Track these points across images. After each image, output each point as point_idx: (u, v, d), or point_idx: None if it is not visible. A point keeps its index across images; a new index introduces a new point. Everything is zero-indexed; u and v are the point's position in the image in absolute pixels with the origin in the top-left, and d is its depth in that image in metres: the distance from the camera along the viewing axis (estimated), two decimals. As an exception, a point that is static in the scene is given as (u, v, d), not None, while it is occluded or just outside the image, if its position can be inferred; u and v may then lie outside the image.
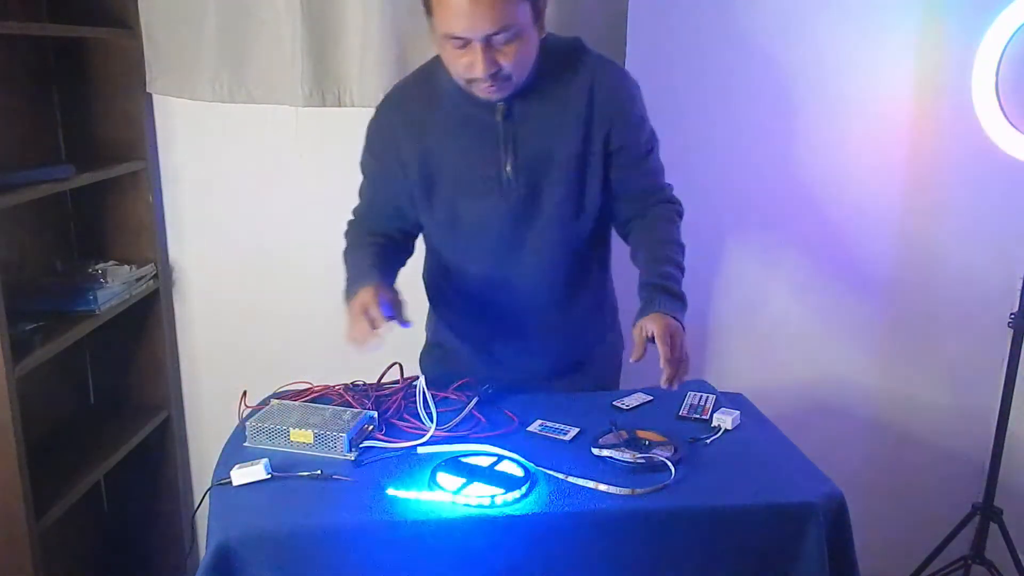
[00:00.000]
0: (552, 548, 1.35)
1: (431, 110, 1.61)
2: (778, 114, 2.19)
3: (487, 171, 1.61)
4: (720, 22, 2.14)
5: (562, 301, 1.74)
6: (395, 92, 1.68)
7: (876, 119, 2.21)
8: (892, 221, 2.29)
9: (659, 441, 1.53)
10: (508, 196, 1.62)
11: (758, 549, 1.38)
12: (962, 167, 2.23)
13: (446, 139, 1.61)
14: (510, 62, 1.47)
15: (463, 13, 1.41)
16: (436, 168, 1.62)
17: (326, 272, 2.26)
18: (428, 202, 1.65)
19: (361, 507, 1.35)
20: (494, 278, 1.71)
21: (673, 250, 1.63)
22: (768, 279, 2.34)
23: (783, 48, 2.16)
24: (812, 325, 2.37)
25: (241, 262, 2.26)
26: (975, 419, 2.39)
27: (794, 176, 2.24)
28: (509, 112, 1.58)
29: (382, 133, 1.65)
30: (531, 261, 1.68)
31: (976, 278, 2.32)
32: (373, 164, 1.69)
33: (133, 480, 2.32)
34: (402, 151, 1.62)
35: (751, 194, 2.25)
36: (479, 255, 1.70)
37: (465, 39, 1.44)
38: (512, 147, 1.59)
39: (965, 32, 2.06)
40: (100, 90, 2.10)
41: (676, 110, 1.99)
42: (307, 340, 2.30)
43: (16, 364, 1.71)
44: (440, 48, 1.51)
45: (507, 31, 1.43)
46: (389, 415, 1.63)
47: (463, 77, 1.50)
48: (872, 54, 2.16)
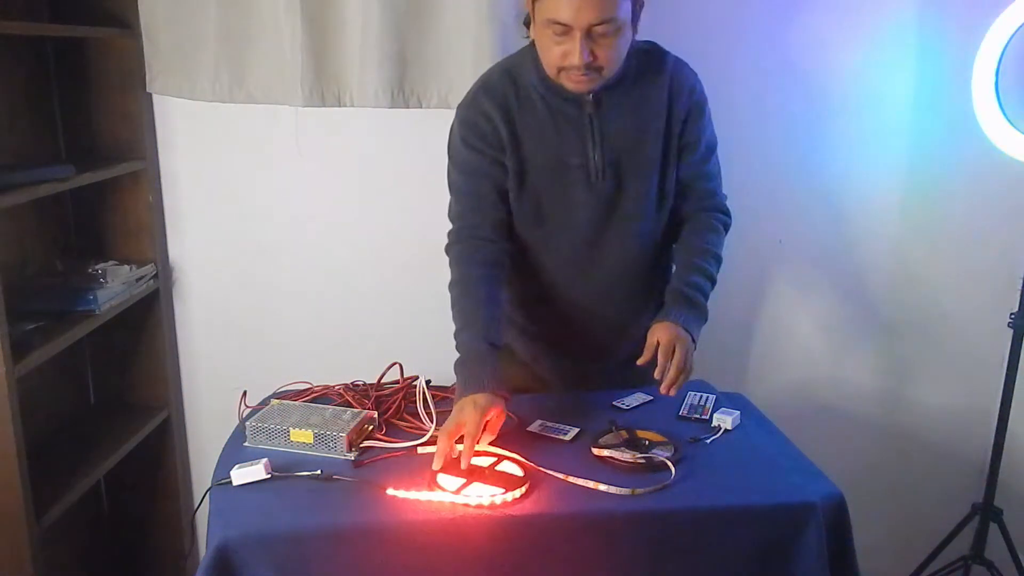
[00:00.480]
0: (552, 548, 1.35)
1: (519, 102, 1.63)
2: (778, 114, 2.19)
3: (575, 163, 1.64)
4: (719, 23, 2.13)
5: (638, 293, 1.77)
6: (481, 85, 1.66)
7: (876, 119, 2.21)
8: (892, 221, 2.29)
9: (659, 441, 1.53)
10: (595, 188, 1.65)
11: (758, 549, 1.38)
12: (962, 167, 2.22)
13: (534, 131, 1.63)
14: (606, 54, 1.50)
15: (572, 1, 1.44)
16: (524, 159, 1.64)
17: (326, 272, 2.27)
18: (517, 192, 1.66)
19: (361, 507, 1.35)
20: (574, 271, 1.73)
21: (708, 261, 1.68)
22: (768, 279, 2.34)
23: (783, 49, 2.15)
24: (812, 325, 2.37)
25: (241, 262, 2.26)
26: (975, 419, 2.39)
27: (794, 176, 2.24)
28: (597, 106, 1.61)
29: (477, 122, 1.63)
30: (613, 253, 1.71)
31: (976, 278, 2.32)
32: (470, 156, 1.65)
33: (133, 480, 2.32)
34: (500, 133, 1.62)
35: (751, 194, 2.25)
36: (562, 247, 1.71)
37: (568, 26, 1.47)
38: (599, 140, 1.62)
39: (965, 32, 2.06)
40: (100, 90, 2.10)
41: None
42: (307, 340, 2.30)
43: (16, 364, 1.70)
44: (539, 34, 1.53)
45: (609, 24, 1.47)
46: (389, 415, 1.63)
47: (557, 65, 1.53)
48: (872, 54, 2.16)
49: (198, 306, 2.30)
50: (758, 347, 2.37)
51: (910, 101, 2.20)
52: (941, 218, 2.29)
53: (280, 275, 2.27)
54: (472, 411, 1.45)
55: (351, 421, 1.53)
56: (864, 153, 2.23)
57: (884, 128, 2.21)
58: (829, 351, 2.38)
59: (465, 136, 1.65)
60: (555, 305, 1.76)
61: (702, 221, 1.73)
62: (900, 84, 2.18)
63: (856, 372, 2.40)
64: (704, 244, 1.70)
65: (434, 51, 2.02)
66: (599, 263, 1.71)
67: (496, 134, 1.62)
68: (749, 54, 2.15)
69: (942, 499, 2.42)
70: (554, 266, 1.73)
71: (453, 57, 2.02)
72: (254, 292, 2.28)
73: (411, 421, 1.61)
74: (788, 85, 2.18)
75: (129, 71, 2.07)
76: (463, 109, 1.66)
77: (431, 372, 1.69)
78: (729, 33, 2.14)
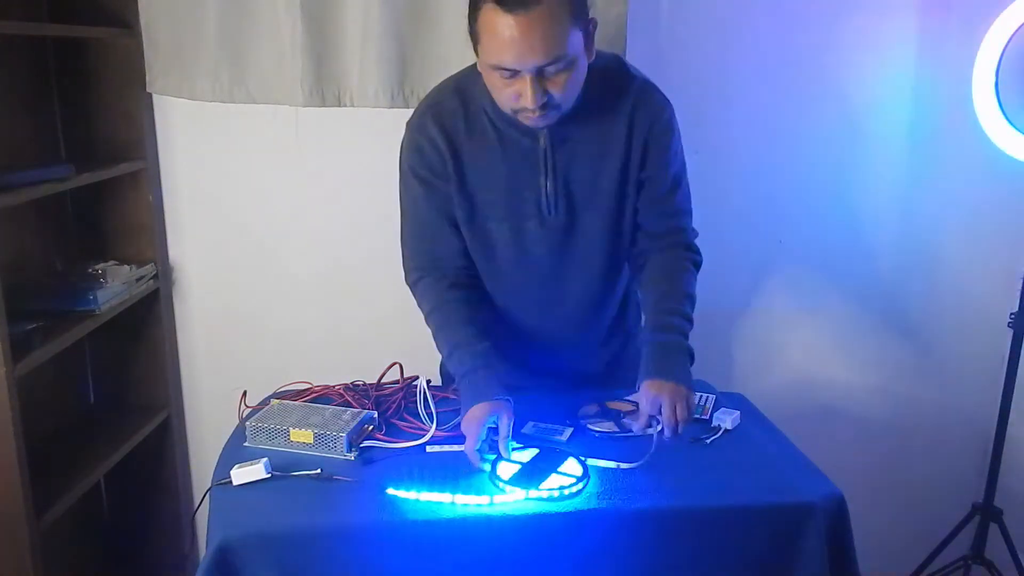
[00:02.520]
0: (551, 548, 1.35)
1: (468, 130, 1.53)
2: (778, 114, 2.19)
3: (526, 197, 1.55)
4: (719, 22, 2.13)
5: (597, 317, 1.72)
6: (429, 105, 1.57)
7: (876, 119, 2.21)
8: (892, 221, 2.29)
9: (631, 410, 1.57)
10: (547, 222, 1.57)
11: (758, 549, 1.38)
12: (962, 167, 2.22)
13: (483, 162, 1.54)
14: (560, 91, 1.40)
15: (513, 45, 1.34)
16: (471, 192, 1.56)
17: (326, 272, 2.27)
18: (466, 225, 1.58)
19: (361, 507, 1.35)
20: (532, 306, 1.68)
21: (682, 302, 1.57)
22: (768, 279, 2.34)
23: (783, 49, 2.15)
24: (812, 325, 2.37)
25: (241, 262, 2.26)
26: (975, 419, 2.39)
27: (794, 176, 2.24)
28: (552, 138, 1.52)
29: (423, 148, 1.55)
30: (572, 288, 1.65)
31: (976, 278, 2.32)
32: (418, 185, 1.57)
33: (133, 480, 2.32)
34: (446, 163, 1.54)
35: (750, 194, 2.25)
36: (516, 281, 1.65)
37: (514, 70, 1.38)
38: (553, 173, 1.54)
39: (965, 32, 2.06)
40: (100, 90, 2.10)
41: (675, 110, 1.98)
42: (307, 340, 2.30)
43: (16, 364, 1.70)
44: (486, 77, 1.44)
45: (558, 62, 1.37)
46: (389, 415, 1.63)
47: (510, 107, 1.43)
48: (872, 54, 2.16)
49: (198, 306, 2.30)
50: (758, 347, 2.37)
51: (910, 101, 2.20)
52: (941, 218, 2.29)
53: (280, 275, 2.27)
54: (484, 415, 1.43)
55: (351, 421, 1.53)
56: (864, 153, 2.23)
57: (884, 128, 2.21)
58: (829, 351, 2.38)
59: (412, 164, 1.57)
60: (518, 329, 1.71)
61: (670, 263, 1.61)
62: (900, 84, 2.18)
63: (856, 372, 2.40)
64: (677, 286, 1.58)
65: (434, 51, 2.02)
66: (558, 298, 1.66)
67: (442, 163, 1.54)
68: (749, 54, 2.15)
69: (942, 499, 2.42)
70: (510, 299, 1.67)
71: (453, 57, 2.01)
72: (254, 292, 2.28)
73: (411, 421, 1.60)
74: (788, 85, 2.18)
75: (129, 71, 2.07)
76: (411, 130, 1.57)
77: (431, 372, 1.69)
78: (729, 33, 2.14)
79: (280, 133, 2.15)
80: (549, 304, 1.68)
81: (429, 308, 1.60)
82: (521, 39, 1.34)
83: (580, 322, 1.71)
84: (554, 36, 1.35)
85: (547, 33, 1.34)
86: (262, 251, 2.25)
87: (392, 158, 2.18)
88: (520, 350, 1.71)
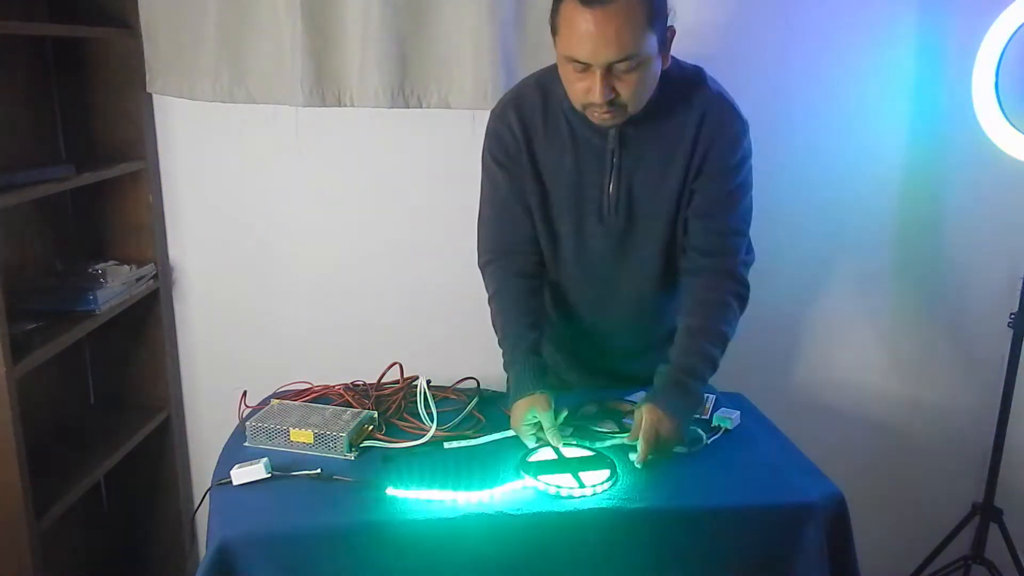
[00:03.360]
0: (551, 547, 1.35)
1: (544, 123, 1.58)
2: (778, 114, 2.19)
3: (589, 195, 1.60)
4: (718, 21, 2.13)
5: (649, 323, 1.76)
6: (513, 97, 1.62)
7: (876, 119, 2.20)
8: (892, 221, 2.29)
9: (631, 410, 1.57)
10: (606, 222, 1.61)
11: (758, 549, 1.39)
12: (962, 167, 2.22)
13: (554, 155, 1.59)
14: (629, 91, 1.43)
15: (588, 38, 1.38)
16: (542, 183, 1.61)
17: (326, 272, 2.27)
18: (537, 213, 1.64)
19: (361, 507, 1.35)
20: (588, 300, 1.73)
21: (714, 343, 1.56)
22: (767, 279, 2.33)
23: (783, 49, 2.15)
24: (812, 325, 2.36)
25: (241, 262, 2.26)
26: (975, 419, 2.39)
27: (794, 176, 2.24)
28: (621, 140, 1.55)
29: (503, 135, 1.61)
30: (626, 289, 1.69)
31: (976, 278, 2.32)
32: (498, 169, 1.62)
33: (133, 480, 2.32)
34: (521, 153, 1.60)
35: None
36: (576, 275, 1.70)
37: (587, 64, 1.41)
38: (617, 176, 1.57)
39: (965, 32, 2.06)
40: (100, 90, 2.09)
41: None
42: (307, 340, 2.30)
43: (16, 364, 1.70)
44: (561, 68, 1.47)
45: (630, 60, 1.40)
46: (389, 415, 1.63)
47: (580, 101, 1.47)
48: (872, 54, 2.16)
49: (198, 306, 2.30)
50: (758, 347, 2.37)
51: (910, 101, 2.20)
52: (941, 218, 2.29)
53: (280, 275, 2.27)
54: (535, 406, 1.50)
55: (351, 421, 1.53)
56: (864, 153, 2.23)
57: (884, 128, 2.21)
58: (829, 351, 2.38)
59: (492, 148, 1.63)
60: (575, 323, 1.77)
61: (712, 295, 1.59)
62: (900, 84, 2.18)
63: (856, 372, 2.40)
64: (712, 324, 1.57)
65: (434, 51, 2.02)
66: (613, 296, 1.70)
67: (519, 151, 1.60)
68: (748, 54, 2.15)
69: (942, 499, 2.42)
70: (570, 294, 1.73)
71: (453, 57, 2.02)
72: (254, 292, 2.28)
73: (411, 421, 1.61)
74: (788, 85, 2.17)
75: (129, 71, 2.07)
76: (493, 119, 1.64)
77: (431, 372, 1.69)
78: (728, 33, 2.14)
79: (280, 133, 2.15)
80: (603, 303, 1.72)
81: (492, 291, 1.66)
82: (596, 33, 1.38)
83: (631, 325, 1.75)
84: (628, 33, 1.38)
85: (621, 29, 1.38)
86: (262, 251, 2.25)
87: (392, 158, 2.20)
88: (573, 343, 1.80)
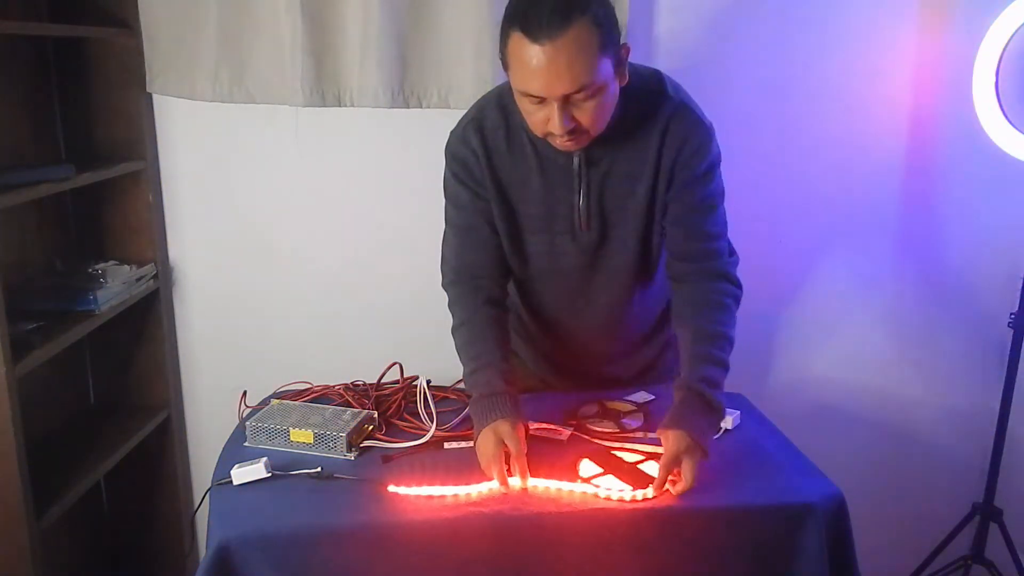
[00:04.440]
0: (551, 547, 1.35)
1: (509, 143, 1.56)
2: (777, 114, 2.19)
3: (560, 212, 1.58)
4: (718, 20, 2.13)
5: (625, 328, 1.76)
6: (473, 118, 1.59)
7: (876, 119, 2.20)
8: (892, 221, 2.29)
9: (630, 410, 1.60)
10: (579, 238, 1.60)
11: (758, 549, 1.39)
12: (962, 167, 2.22)
13: (520, 176, 1.57)
14: (588, 118, 1.40)
15: (539, 73, 1.34)
16: (507, 203, 1.59)
17: (326, 272, 2.27)
18: (504, 234, 1.62)
19: (361, 506, 1.35)
20: (564, 313, 1.72)
21: (721, 346, 1.54)
22: (767, 278, 2.34)
23: (783, 49, 2.15)
24: (812, 325, 2.36)
25: (241, 262, 2.26)
26: (975, 419, 2.39)
27: (794, 176, 2.24)
28: (587, 158, 1.53)
29: (465, 157, 1.58)
30: (601, 301, 1.68)
31: (976, 278, 2.32)
32: (461, 190, 1.60)
33: (133, 480, 2.32)
34: (485, 176, 1.57)
35: (749, 194, 2.24)
36: (549, 291, 1.69)
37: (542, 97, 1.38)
38: (586, 192, 1.55)
39: (965, 32, 2.06)
40: (100, 90, 2.09)
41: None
42: (307, 340, 2.30)
43: (16, 364, 1.70)
44: (518, 100, 1.44)
45: (585, 90, 1.36)
46: (389, 415, 1.63)
47: (540, 130, 1.44)
48: (872, 54, 2.16)
49: (198, 306, 2.30)
50: (758, 347, 2.37)
51: (910, 101, 2.20)
52: (941, 218, 2.29)
53: (280, 275, 2.27)
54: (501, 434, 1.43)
55: (351, 421, 1.53)
56: (864, 153, 2.23)
57: (884, 128, 2.21)
58: (829, 351, 2.38)
59: (455, 170, 1.60)
60: (551, 332, 1.77)
61: (708, 297, 1.58)
62: (900, 84, 2.18)
63: (856, 372, 2.40)
64: (714, 327, 1.55)
65: (434, 51, 2.02)
66: (588, 309, 1.69)
67: (482, 173, 1.57)
68: (748, 54, 2.15)
69: (942, 499, 2.42)
70: (544, 306, 1.72)
71: (453, 57, 2.02)
72: (254, 292, 2.28)
73: (411, 421, 1.61)
74: (788, 85, 2.17)
75: (129, 71, 2.07)
76: (453, 141, 1.60)
77: (431, 372, 1.70)
78: (728, 33, 2.14)
79: (280, 133, 2.15)
80: (576, 314, 1.71)
81: (459, 320, 1.62)
82: (548, 68, 1.33)
83: (607, 331, 1.75)
84: (581, 65, 1.34)
85: (573, 62, 1.33)
86: (262, 251, 2.25)
87: (392, 158, 2.20)
88: (551, 350, 1.79)
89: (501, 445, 1.42)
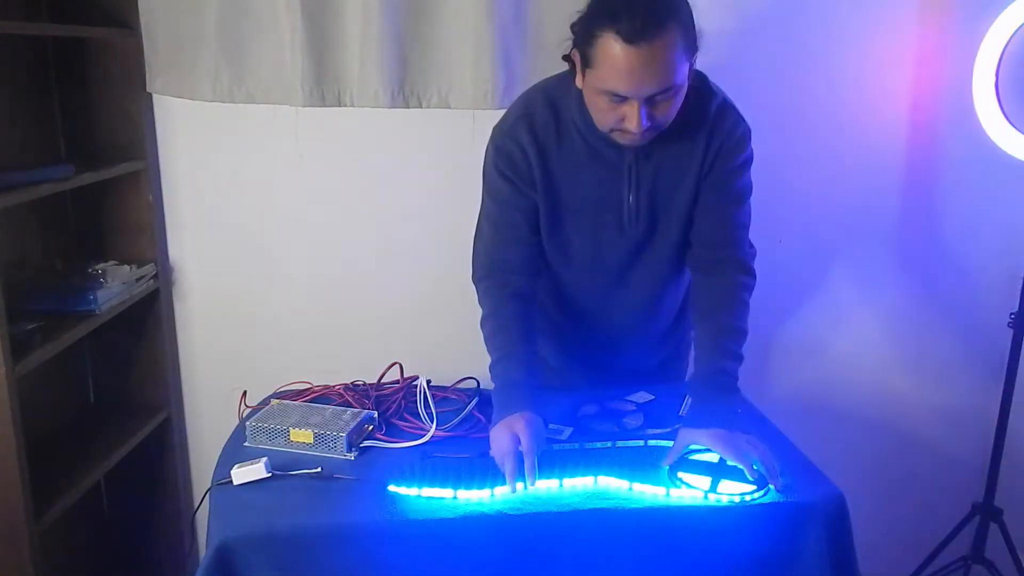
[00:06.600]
0: (551, 547, 1.35)
1: (558, 140, 1.57)
2: (778, 114, 2.19)
3: (609, 207, 1.60)
4: (718, 20, 2.12)
5: (656, 319, 1.78)
6: (522, 113, 1.59)
7: (876, 119, 2.20)
8: (892, 221, 2.29)
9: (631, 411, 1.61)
10: (627, 232, 1.62)
11: (758, 549, 1.38)
12: (962, 167, 2.22)
13: (570, 172, 1.58)
14: (663, 115, 1.45)
15: (631, 74, 1.37)
16: (557, 199, 1.60)
17: (326, 272, 2.27)
18: (547, 230, 1.63)
19: (361, 506, 1.35)
20: (598, 305, 1.74)
21: (737, 339, 1.60)
22: (768, 279, 2.33)
23: (783, 48, 2.15)
24: (811, 325, 2.36)
25: (241, 262, 2.26)
26: (975, 419, 2.39)
27: (793, 176, 2.24)
28: (639, 152, 1.55)
29: (512, 152, 1.58)
30: (638, 292, 1.71)
31: (976, 278, 2.32)
32: (503, 185, 1.60)
33: (133, 480, 2.31)
34: (532, 170, 1.58)
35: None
36: (586, 284, 1.71)
37: (624, 96, 1.40)
38: (636, 187, 1.58)
39: (965, 32, 2.06)
40: (100, 90, 2.09)
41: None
42: (307, 340, 2.30)
43: (16, 364, 1.70)
44: (590, 98, 1.46)
45: (669, 90, 1.41)
46: (389, 415, 1.63)
47: (609, 126, 1.46)
48: (872, 54, 2.16)
49: (198, 306, 2.30)
50: (758, 347, 2.36)
51: (910, 101, 2.20)
52: (941, 218, 2.29)
53: (280, 275, 2.27)
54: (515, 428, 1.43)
55: (351, 421, 1.53)
56: (864, 153, 2.23)
57: (884, 128, 2.21)
58: (829, 351, 2.38)
59: (499, 164, 1.60)
60: (578, 320, 1.77)
61: (730, 292, 1.62)
62: (900, 84, 2.18)
63: (856, 372, 2.39)
64: (731, 321, 1.60)
65: (434, 51, 2.02)
66: (623, 300, 1.71)
67: (529, 170, 1.58)
68: (748, 54, 2.15)
69: (942, 499, 2.42)
70: (579, 299, 1.74)
71: (453, 57, 2.02)
72: (254, 292, 2.28)
73: (411, 421, 1.61)
74: (788, 85, 2.17)
75: (129, 71, 2.07)
76: (500, 135, 1.60)
77: (431, 372, 1.70)
78: (728, 33, 2.13)
79: (280, 133, 2.15)
80: (613, 304, 1.73)
81: (487, 312, 1.63)
82: (641, 70, 1.37)
83: (640, 322, 1.77)
84: (671, 67, 1.39)
85: (665, 64, 1.38)
86: (262, 251, 2.25)
87: (392, 158, 2.20)
88: (577, 342, 1.80)
89: (515, 440, 1.42)
